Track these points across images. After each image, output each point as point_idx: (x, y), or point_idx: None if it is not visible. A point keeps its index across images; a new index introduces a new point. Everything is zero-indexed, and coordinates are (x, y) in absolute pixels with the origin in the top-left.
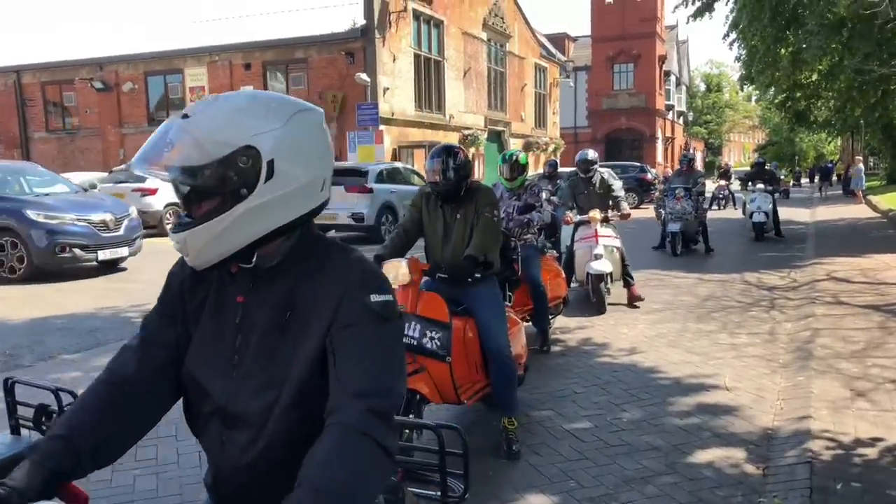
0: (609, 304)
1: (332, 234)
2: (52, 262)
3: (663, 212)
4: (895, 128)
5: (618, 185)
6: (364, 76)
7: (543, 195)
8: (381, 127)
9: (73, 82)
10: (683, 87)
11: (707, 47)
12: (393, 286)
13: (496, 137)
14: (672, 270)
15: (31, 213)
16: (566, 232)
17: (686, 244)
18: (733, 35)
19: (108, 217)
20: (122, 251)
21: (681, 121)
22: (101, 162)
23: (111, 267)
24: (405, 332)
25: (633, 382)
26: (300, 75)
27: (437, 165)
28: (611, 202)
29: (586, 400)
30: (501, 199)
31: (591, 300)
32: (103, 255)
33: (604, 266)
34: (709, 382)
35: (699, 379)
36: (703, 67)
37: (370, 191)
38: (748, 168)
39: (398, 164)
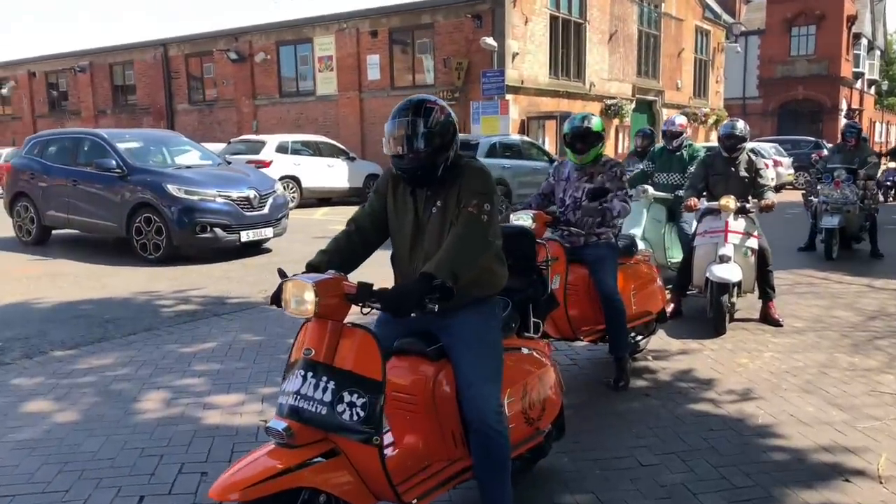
0: (735, 318)
1: None
2: (192, 242)
3: (815, 200)
4: None
5: (768, 172)
6: (490, 41)
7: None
8: (508, 96)
9: (212, 54)
10: (877, 52)
11: None
12: (296, 316)
13: (647, 108)
14: (829, 272)
15: (171, 188)
16: (633, 217)
17: (846, 243)
18: None
19: (251, 194)
20: (267, 231)
21: (872, 91)
22: (235, 133)
23: (255, 248)
24: (307, 394)
25: (731, 453)
26: (426, 42)
27: (400, 129)
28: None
29: (651, 481)
30: (568, 179)
31: (707, 315)
32: (246, 235)
33: (729, 273)
34: (850, 464)
35: (836, 455)
36: None
37: None
38: None
39: (515, 137)
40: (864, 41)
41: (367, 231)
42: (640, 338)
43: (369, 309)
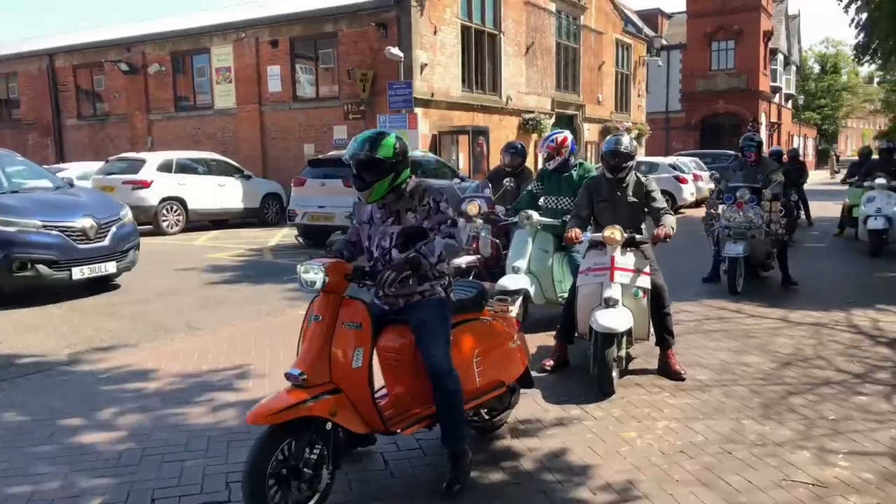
0: (629, 369)
1: (337, 235)
2: (9, 282)
3: (716, 225)
4: None
5: (659, 193)
6: (395, 51)
7: (473, 208)
8: (417, 110)
9: (102, 66)
10: (793, 68)
11: (823, 24)
12: None
13: (567, 122)
14: (743, 303)
15: None
16: (516, 247)
17: (753, 271)
18: None
19: (87, 223)
20: (108, 267)
21: (789, 105)
22: (129, 150)
23: (102, 284)
24: None
25: None
26: (329, 52)
27: None
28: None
29: None
30: (371, 222)
31: (591, 372)
32: (80, 272)
33: (615, 320)
34: None
35: None
36: (818, 47)
37: None
38: (855, 158)
39: (418, 153)
40: (780, 56)
41: None
42: (492, 415)
43: None
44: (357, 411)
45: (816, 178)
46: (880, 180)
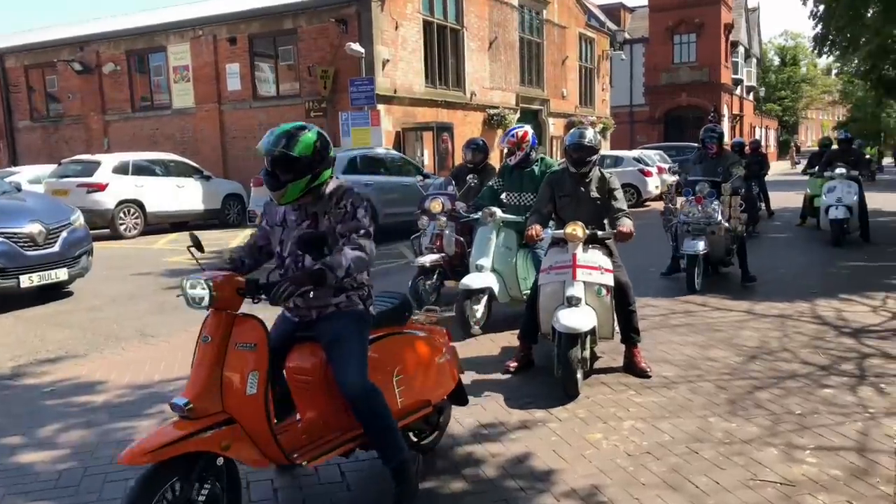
0: (595, 367)
1: None
2: None
3: (675, 220)
4: None
5: (622, 193)
6: (356, 46)
7: (437, 206)
8: (380, 106)
9: (54, 65)
10: (754, 60)
11: (782, 17)
12: None
13: (532, 117)
14: (708, 296)
15: None
16: (479, 245)
17: (713, 267)
18: None
19: (35, 229)
20: (59, 273)
21: (751, 97)
22: (85, 152)
23: (55, 291)
24: None
25: None
26: (289, 49)
27: None
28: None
29: None
30: (285, 224)
31: (556, 374)
32: (28, 280)
33: (578, 320)
34: None
35: None
36: (778, 39)
37: None
38: (816, 148)
39: (381, 150)
40: (741, 49)
41: None
42: (424, 435)
43: None
44: (254, 443)
45: (778, 168)
46: (840, 170)
